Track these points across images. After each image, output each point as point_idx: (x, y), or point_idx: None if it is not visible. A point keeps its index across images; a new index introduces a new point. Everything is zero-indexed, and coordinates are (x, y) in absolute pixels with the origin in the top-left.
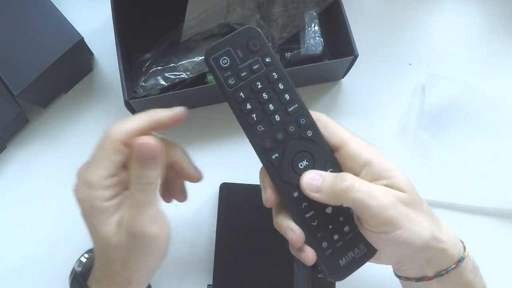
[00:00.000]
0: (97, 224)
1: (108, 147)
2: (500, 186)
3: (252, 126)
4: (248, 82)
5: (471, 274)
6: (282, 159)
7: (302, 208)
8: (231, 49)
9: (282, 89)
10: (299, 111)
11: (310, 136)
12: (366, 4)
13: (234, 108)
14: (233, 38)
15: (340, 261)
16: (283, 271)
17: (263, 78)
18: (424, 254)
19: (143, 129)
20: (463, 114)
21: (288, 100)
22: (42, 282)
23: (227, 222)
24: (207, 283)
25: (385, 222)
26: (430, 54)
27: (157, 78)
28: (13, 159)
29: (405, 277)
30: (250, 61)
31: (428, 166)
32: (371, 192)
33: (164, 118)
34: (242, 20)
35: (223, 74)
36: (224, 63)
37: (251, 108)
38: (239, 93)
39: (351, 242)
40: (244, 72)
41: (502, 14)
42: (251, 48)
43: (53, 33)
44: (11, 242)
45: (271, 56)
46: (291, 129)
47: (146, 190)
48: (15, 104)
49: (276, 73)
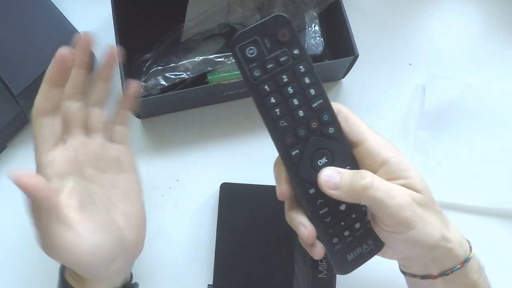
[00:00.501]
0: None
1: (33, 128)
2: (500, 186)
3: (275, 121)
4: (274, 75)
5: (476, 274)
6: (302, 156)
7: (317, 205)
8: (258, 38)
9: (308, 84)
10: (323, 107)
11: (332, 133)
12: (367, 4)
13: (257, 101)
14: (261, 26)
15: (348, 256)
16: (283, 271)
17: (289, 71)
18: (432, 253)
19: (45, 94)
20: (463, 114)
21: (313, 95)
22: (42, 282)
23: (227, 222)
24: (207, 283)
25: (400, 223)
26: (430, 54)
27: (157, 78)
28: (13, 159)
29: (410, 274)
30: (277, 53)
31: (428, 166)
32: (390, 191)
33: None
34: (243, 20)
35: (248, 65)
36: (250, 53)
37: (275, 102)
38: (264, 85)
39: (361, 238)
40: (270, 64)
41: (502, 14)
42: (279, 38)
43: (53, 33)
44: (11, 242)
45: (300, 48)
46: (314, 125)
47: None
48: (15, 104)
49: (303, 66)
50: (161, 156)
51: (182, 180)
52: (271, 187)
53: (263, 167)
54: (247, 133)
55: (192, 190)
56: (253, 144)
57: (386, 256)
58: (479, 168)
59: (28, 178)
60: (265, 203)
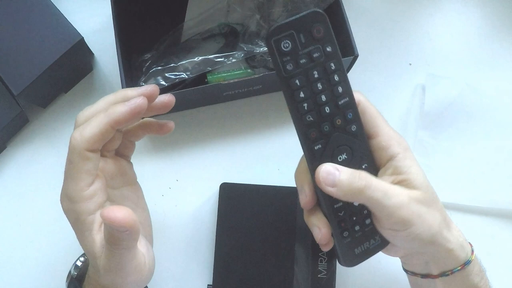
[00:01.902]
0: (83, 239)
1: (75, 160)
2: (500, 186)
3: (302, 115)
4: (306, 70)
5: (477, 277)
6: (324, 151)
7: (333, 199)
8: (294, 32)
9: (337, 81)
10: (349, 105)
11: (354, 131)
12: (366, 4)
13: (286, 94)
14: (298, 21)
15: (355, 249)
16: (283, 271)
17: (320, 68)
18: (430, 249)
19: (103, 134)
20: (463, 114)
21: (341, 92)
22: (41, 282)
23: (227, 222)
24: (207, 283)
25: (398, 222)
26: (430, 54)
27: (157, 78)
28: (13, 159)
29: (412, 272)
30: (310, 48)
31: (428, 166)
32: (387, 191)
33: (123, 116)
34: (242, 20)
35: (282, 58)
36: (285, 46)
37: (304, 97)
38: (295, 79)
39: (369, 234)
40: (303, 59)
41: (502, 14)
42: (314, 34)
43: (53, 33)
44: (11, 242)
45: (333, 45)
46: (338, 122)
47: (120, 253)
48: (15, 104)
49: (334, 64)
50: (161, 156)
51: (182, 180)
52: (271, 187)
53: (263, 167)
54: (247, 133)
55: (192, 190)
56: (253, 144)
57: (388, 253)
58: (479, 168)
59: (123, 213)
60: (265, 203)
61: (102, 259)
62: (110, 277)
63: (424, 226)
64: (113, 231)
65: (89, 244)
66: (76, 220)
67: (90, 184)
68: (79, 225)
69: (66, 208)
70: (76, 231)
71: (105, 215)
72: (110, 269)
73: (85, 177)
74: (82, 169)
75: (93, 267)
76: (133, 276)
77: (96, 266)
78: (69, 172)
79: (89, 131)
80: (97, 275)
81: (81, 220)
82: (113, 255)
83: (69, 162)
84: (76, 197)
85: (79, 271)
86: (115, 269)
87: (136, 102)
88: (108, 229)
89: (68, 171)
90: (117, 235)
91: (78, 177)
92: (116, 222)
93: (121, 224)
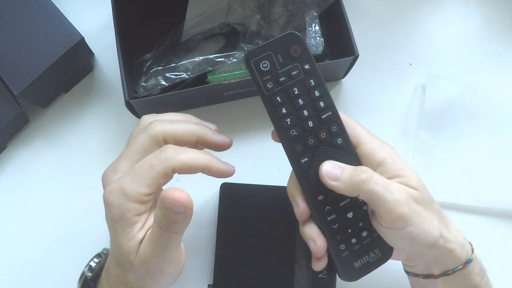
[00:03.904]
0: (121, 235)
1: (158, 169)
2: (501, 186)
3: (286, 130)
4: (286, 87)
5: (478, 276)
6: (311, 164)
7: (325, 211)
8: (272, 53)
9: (318, 96)
10: (332, 119)
11: (340, 143)
12: (367, 5)
13: (270, 111)
14: (275, 43)
15: (355, 263)
16: (283, 271)
17: (300, 85)
18: (432, 252)
19: (194, 168)
20: (463, 114)
21: (323, 107)
22: (41, 282)
23: (227, 222)
24: (208, 283)
25: (398, 218)
26: (430, 54)
27: (157, 78)
28: (13, 159)
29: (414, 273)
30: (289, 67)
31: (428, 166)
32: (388, 186)
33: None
34: (243, 20)
35: (262, 77)
36: (264, 67)
37: (286, 112)
38: (276, 97)
39: (368, 247)
40: (282, 77)
41: (502, 14)
42: (291, 54)
43: (53, 33)
44: (11, 242)
45: (311, 63)
46: (323, 135)
47: (169, 237)
48: (16, 104)
49: (313, 80)
50: None
51: (182, 180)
52: (271, 187)
53: (263, 167)
54: (247, 133)
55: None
56: (253, 144)
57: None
58: (479, 168)
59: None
60: (265, 203)
61: (144, 246)
62: (150, 266)
63: (423, 227)
64: (169, 213)
65: (128, 239)
66: (121, 216)
67: (153, 193)
68: (122, 221)
69: (115, 201)
70: (114, 224)
71: (168, 194)
72: (153, 255)
73: (153, 187)
74: (157, 180)
75: (120, 265)
76: (172, 267)
77: (128, 261)
78: (143, 174)
79: (186, 157)
80: (123, 271)
81: (127, 217)
82: (161, 239)
83: (149, 166)
84: (135, 197)
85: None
86: (159, 255)
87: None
88: (164, 211)
89: (143, 172)
90: (173, 218)
91: (149, 184)
92: (178, 201)
93: (182, 204)
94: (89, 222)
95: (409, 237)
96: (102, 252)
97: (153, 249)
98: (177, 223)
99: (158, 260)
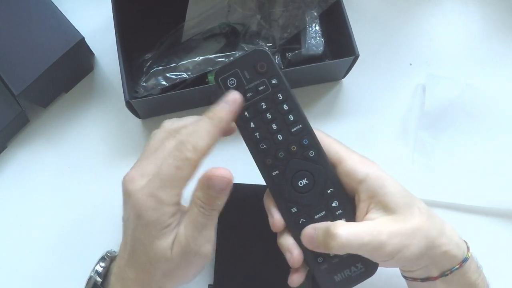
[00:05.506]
0: (157, 237)
1: (186, 169)
2: (500, 186)
3: (256, 144)
4: (254, 102)
5: (475, 274)
6: (282, 176)
7: (299, 224)
8: (238, 70)
9: (287, 110)
10: (303, 132)
11: (312, 156)
12: (367, 5)
13: (240, 126)
14: (241, 60)
15: (335, 276)
16: (283, 271)
17: (268, 99)
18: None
19: (214, 143)
20: (463, 114)
21: (292, 120)
22: (41, 282)
23: (227, 222)
24: (208, 283)
25: (382, 256)
26: (430, 54)
27: (158, 78)
28: (13, 159)
29: (412, 278)
30: (256, 82)
31: (428, 166)
32: (362, 239)
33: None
34: (243, 20)
35: None
36: (231, 83)
37: (255, 127)
38: (244, 112)
39: (348, 261)
40: (250, 93)
41: (502, 14)
42: (258, 70)
43: (53, 32)
44: (11, 242)
45: (278, 78)
46: (293, 148)
47: (208, 215)
48: (16, 104)
49: (281, 94)
50: None
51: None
52: None
53: None
54: None
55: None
56: None
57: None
58: (479, 168)
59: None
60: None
61: (183, 229)
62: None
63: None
64: (211, 191)
65: (166, 237)
66: (157, 220)
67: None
68: (158, 224)
69: (150, 208)
70: (150, 229)
71: (212, 172)
72: (194, 236)
73: (183, 186)
74: (186, 179)
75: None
76: (208, 246)
77: (164, 258)
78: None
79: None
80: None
81: (163, 220)
82: (201, 218)
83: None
84: (169, 201)
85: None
86: (199, 234)
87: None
88: (206, 190)
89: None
90: (214, 195)
91: (181, 185)
92: (223, 175)
93: (228, 179)
94: (89, 222)
95: (399, 262)
96: (106, 255)
97: (193, 229)
98: (219, 199)
99: (197, 241)
